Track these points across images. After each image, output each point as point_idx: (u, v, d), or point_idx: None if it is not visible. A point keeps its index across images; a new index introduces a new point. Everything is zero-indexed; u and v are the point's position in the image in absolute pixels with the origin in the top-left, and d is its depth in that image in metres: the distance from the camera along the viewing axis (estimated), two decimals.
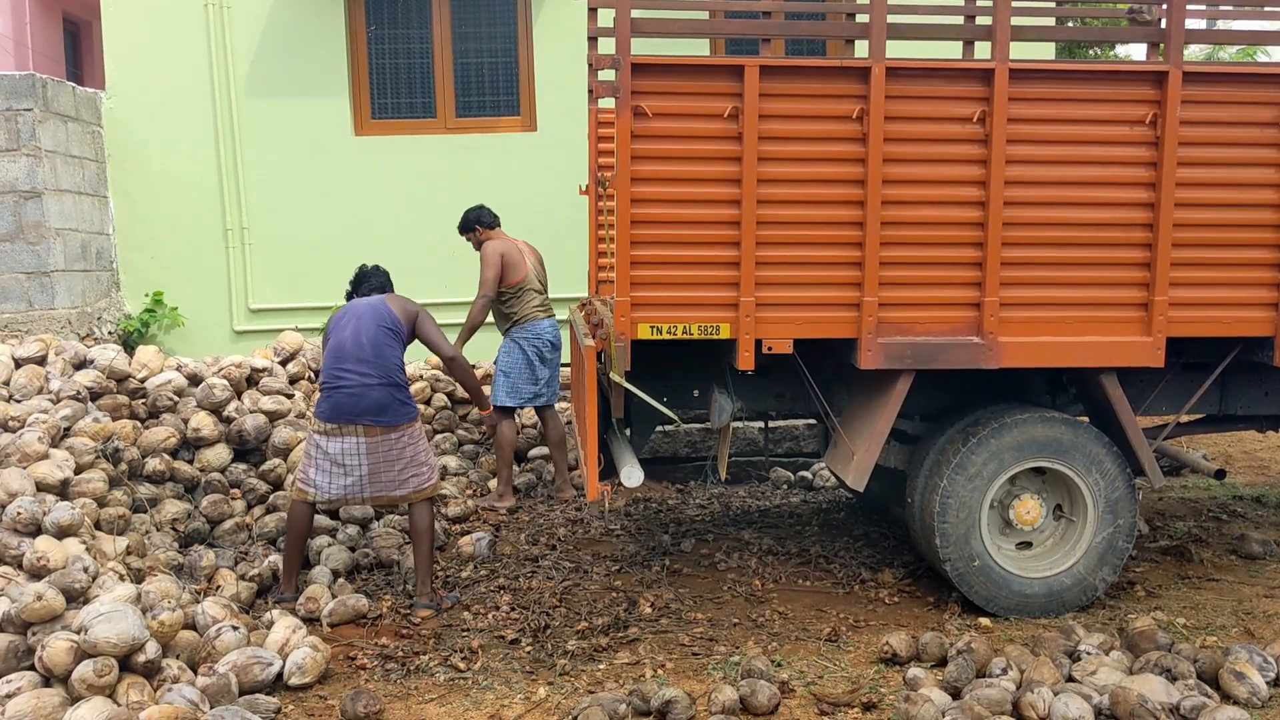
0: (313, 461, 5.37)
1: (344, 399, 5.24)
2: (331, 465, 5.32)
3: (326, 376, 5.31)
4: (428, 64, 8.91)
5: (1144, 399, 5.45)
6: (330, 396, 5.27)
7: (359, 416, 5.25)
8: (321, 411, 5.31)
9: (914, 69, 4.77)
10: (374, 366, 5.25)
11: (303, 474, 5.42)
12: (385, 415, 5.28)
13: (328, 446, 5.31)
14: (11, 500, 4.96)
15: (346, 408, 5.24)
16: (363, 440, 5.28)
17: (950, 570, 5.10)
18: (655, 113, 4.67)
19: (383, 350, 5.28)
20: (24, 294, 7.57)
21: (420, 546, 5.41)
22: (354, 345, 5.27)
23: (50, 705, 3.98)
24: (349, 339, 5.29)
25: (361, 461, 5.31)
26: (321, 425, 5.32)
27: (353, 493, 5.37)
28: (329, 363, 5.32)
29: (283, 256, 8.83)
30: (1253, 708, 4.10)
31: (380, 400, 5.25)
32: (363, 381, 5.23)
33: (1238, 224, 4.99)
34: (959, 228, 4.87)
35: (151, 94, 8.65)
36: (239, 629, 4.59)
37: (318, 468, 5.35)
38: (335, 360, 5.29)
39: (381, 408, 5.26)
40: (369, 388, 5.24)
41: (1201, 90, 4.87)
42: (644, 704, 4.20)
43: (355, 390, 5.23)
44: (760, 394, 5.65)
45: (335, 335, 5.36)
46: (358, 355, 5.25)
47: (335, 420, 5.27)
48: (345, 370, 5.24)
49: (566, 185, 8.17)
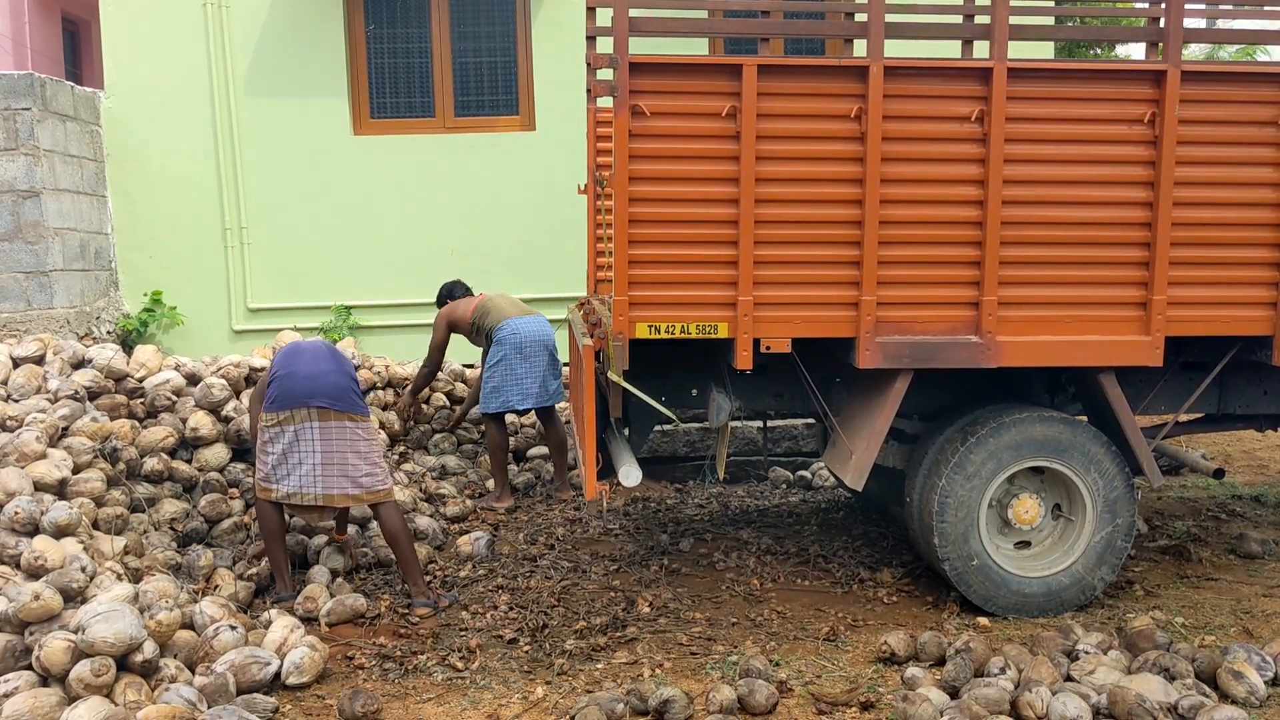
0: (266, 459, 5.37)
1: (298, 383, 5.25)
2: (284, 456, 5.31)
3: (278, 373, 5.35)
4: (426, 63, 8.90)
5: (1143, 398, 5.44)
6: (282, 383, 5.28)
7: (312, 397, 5.25)
8: (271, 403, 5.30)
9: (912, 68, 4.77)
10: (330, 361, 5.37)
11: (260, 472, 5.42)
12: (340, 401, 5.29)
13: (280, 440, 5.30)
14: (9, 500, 4.96)
15: (301, 391, 5.24)
16: (315, 425, 5.27)
17: (949, 570, 5.10)
18: (653, 112, 4.67)
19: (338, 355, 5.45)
20: (22, 293, 7.57)
21: (399, 547, 5.40)
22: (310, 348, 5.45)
23: (48, 705, 3.97)
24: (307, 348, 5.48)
25: (314, 449, 5.28)
26: (271, 418, 5.30)
27: (306, 486, 5.30)
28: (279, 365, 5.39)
29: (282, 256, 8.82)
30: (1251, 707, 4.10)
31: (337, 384, 5.29)
32: (318, 369, 5.30)
33: (1236, 223, 4.98)
34: (957, 227, 4.87)
35: (150, 94, 8.65)
36: (237, 628, 4.59)
37: (271, 464, 5.35)
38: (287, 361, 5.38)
39: (338, 392, 5.29)
40: (325, 374, 5.30)
41: (1200, 89, 4.87)
42: (642, 703, 4.19)
43: (309, 375, 5.27)
44: (759, 393, 5.65)
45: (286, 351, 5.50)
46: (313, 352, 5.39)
47: (286, 407, 5.26)
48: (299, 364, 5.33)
49: (565, 185, 8.17)
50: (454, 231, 8.76)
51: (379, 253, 8.82)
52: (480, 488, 7.36)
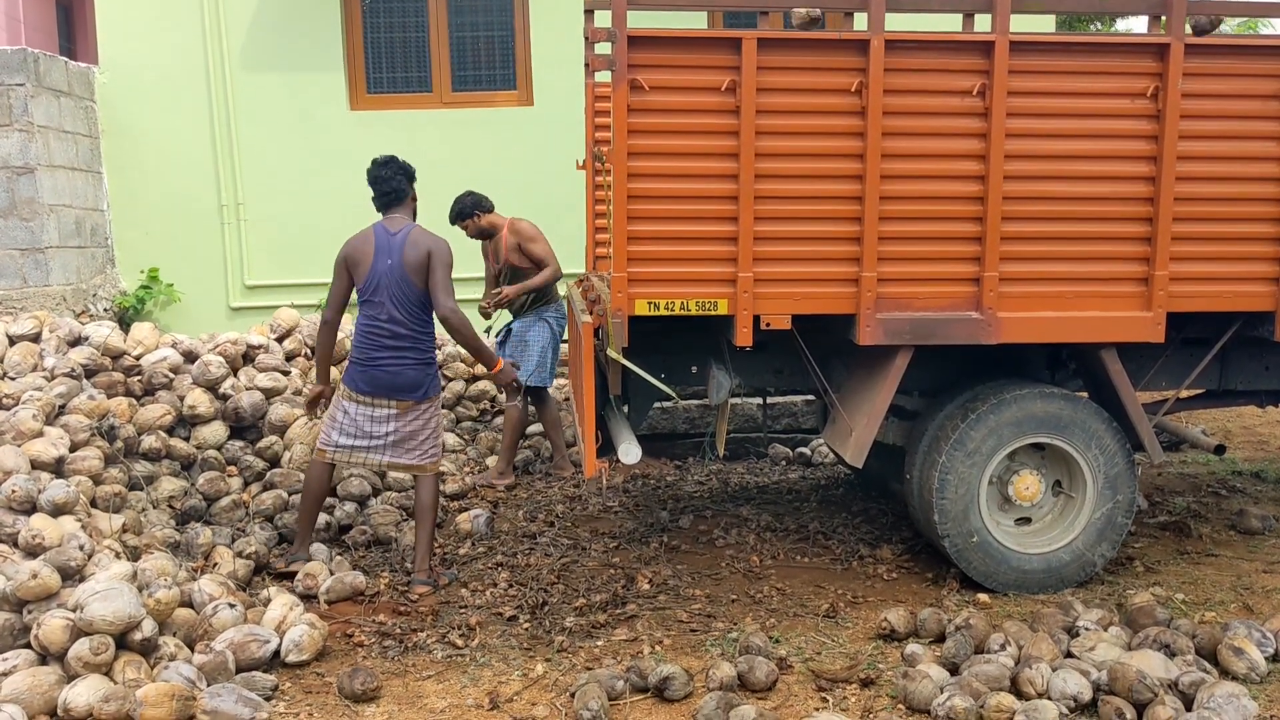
0: (337, 425, 5.41)
1: (381, 375, 5.28)
2: (357, 430, 5.37)
3: (362, 353, 5.29)
4: (423, 38, 8.83)
5: (1144, 374, 5.43)
6: (366, 370, 5.30)
7: (395, 392, 5.30)
8: (355, 383, 5.34)
9: (913, 42, 4.73)
10: (410, 351, 5.28)
11: (325, 436, 5.45)
12: (418, 391, 5.33)
13: (357, 414, 5.36)
14: (6, 478, 4.94)
15: (384, 384, 5.29)
16: (394, 410, 5.33)
17: (949, 546, 5.09)
18: (652, 86, 4.62)
19: (416, 332, 5.29)
20: (18, 271, 7.53)
21: (424, 523, 5.41)
22: (390, 326, 5.24)
23: (46, 683, 3.97)
24: (384, 318, 5.22)
25: (388, 429, 5.36)
26: (352, 394, 5.35)
27: (374, 453, 5.40)
28: (364, 338, 5.28)
29: (278, 233, 8.78)
30: (1251, 683, 4.10)
31: (415, 379, 5.31)
32: (399, 364, 5.27)
33: (1239, 198, 4.95)
34: (958, 202, 4.84)
35: (145, 69, 8.59)
36: (236, 606, 4.58)
37: (342, 431, 5.39)
38: (371, 338, 5.26)
39: (416, 385, 5.32)
40: (405, 368, 5.29)
41: (1203, 63, 4.83)
42: (642, 680, 4.19)
43: (393, 369, 5.27)
44: (758, 370, 5.63)
45: (368, 307, 5.27)
46: (394, 340, 5.24)
47: (371, 394, 5.32)
48: (383, 349, 5.26)
49: (564, 160, 8.09)
50: (447, 208, 8.69)
51: None
52: (480, 465, 7.34)
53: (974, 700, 3.87)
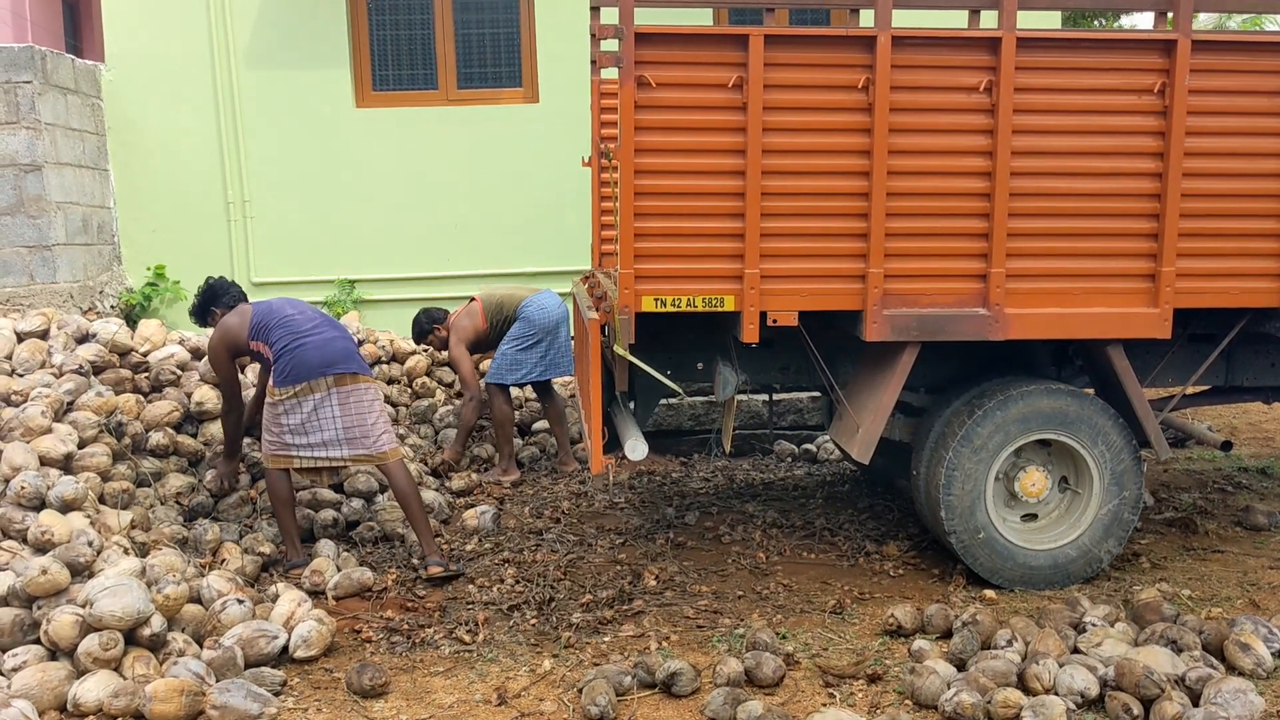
0: (278, 429, 5.39)
1: (310, 354, 5.27)
2: (303, 426, 5.34)
3: (285, 342, 5.32)
4: (429, 35, 8.84)
5: (1150, 371, 5.42)
6: (292, 357, 5.28)
7: (329, 366, 5.29)
8: (284, 378, 5.29)
9: (919, 38, 4.72)
10: (326, 324, 5.42)
11: (274, 441, 5.42)
12: (353, 363, 5.35)
13: (298, 411, 5.33)
14: (15, 475, 4.96)
15: (315, 362, 5.27)
16: (334, 391, 5.31)
17: (955, 543, 5.09)
18: (659, 83, 4.63)
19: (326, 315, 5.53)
20: (25, 268, 7.55)
21: (410, 506, 5.43)
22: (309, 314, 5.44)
23: (56, 678, 3.99)
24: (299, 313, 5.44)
25: (334, 414, 5.32)
26: (286, 391, 5.30)
27: (332, 451, 5.37)
28: (283, 334, 5.35)
29: (284, 230, 8.79)
30: (1258, 678, 4.10)
31: (345, 348, 5.36)
32: (324, 337, 5.33)
33: (1246, 194, 4.95)
34: (965, 198, 4.84)
35: (151, 66, 8.59)
36: (244, 602, 4.60)
37: (287, 433, 5.38)
38: (289, 329, 5.35)
39: (348, 355, 5.35)
40: (332, 340, 5.34)
41: (1211, 59, 4.82)
42: (649, 676, 4.20)
43: (320, 344, 5.29)
44: (765, 367, 5.63)
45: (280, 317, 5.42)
46: (315, 318, 5.41)
47: (303, 379, 5.27)
48: (308, 331, 5.34)
49: (569, 157, 8.11)
50: (457, 205, 8.71)
51: (382, 226, 8.78)
52: (486, 463, 7.35)
53: (981, 696, 3.88)
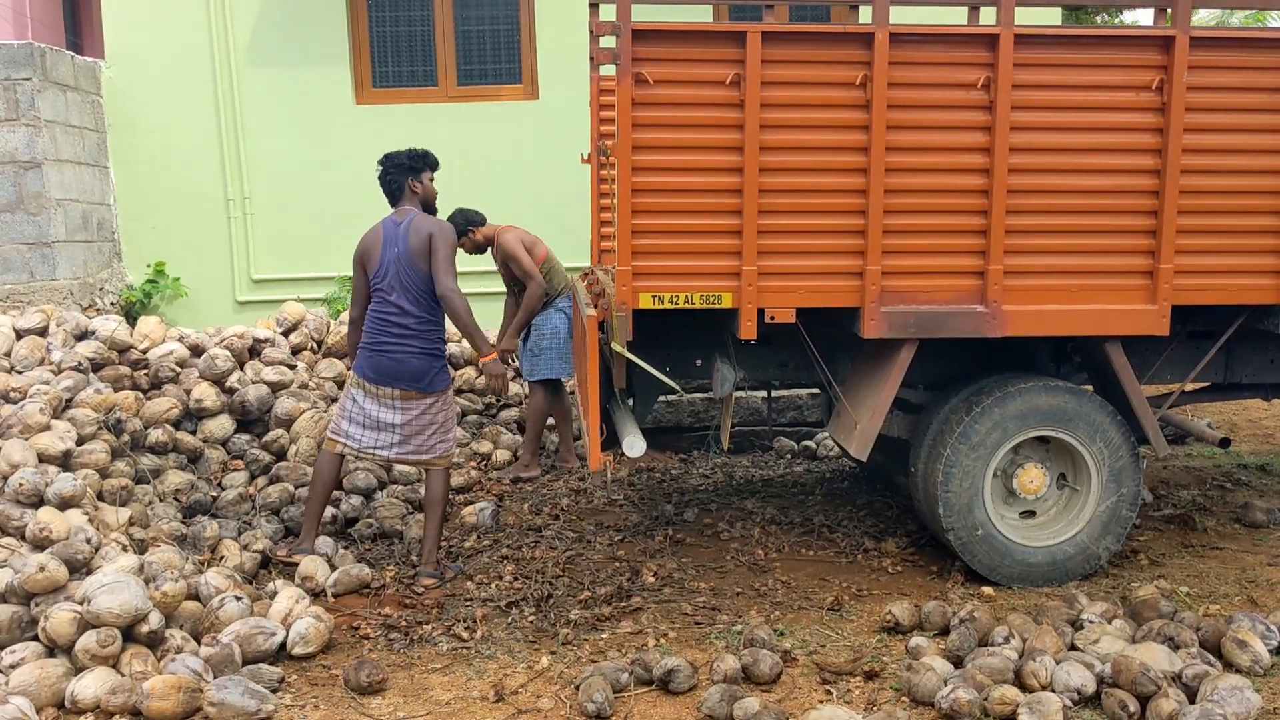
0: (347, 414, 5.42)
1: (386, 362, 5.27)
2: (366, 420, 5.38)
3: (371, 338, 5.31)
4: (429, 32, 8.84)
5: (1149, 367, 5.42)
6: (373, 357, 5.30)
7: (398, 381, 5.29)
8: (363, 369, 5.34)
9: (918, 35, 4.72)
10: (417, 339, 5.28)
11: (335, 425, 5.47)
12: (423, 382, 5.32)
13: (365, 404, 5.36)
14: (14, 471, 4.97)
15: (388, 371, 5.28)
16: (399, 403, 5.32)
17: (953, 539, 5.09)
18: (657, 80, 4.62)
19: (425, 321, 5.29)
20: (25, 265, 7.55)
21: (433, 515, 5.43)
22: (399, 314, 5.25)
23: (54, 676, 3.99)
24: (394, 307, 5.24)
25: (396, 422, 5.35)
26: (361, 382, 5.35)
27: (381, 448, 5.40)
28: (374, 324, 5.30)
29: (284, 227, 8.80)
30: (1255, 676, 4.10)
31: (420, 368, 5.30)
32: (405, 351, 5.27)
33: (1245, 191, 4.94)
34: (963, 195, 4.84)
35: (151, 63, 8.60)
36: (242, 599, 4.60)
37: (351, 420, 5.41)
38: (381, 324, 5.28)
39: (420, 374, 5.31)
40: (411, 355, 5.28)
41: (1209, 55, 4.81)
42: (646, 673, 4.20)
43: (399, 356, 5.27)
44: (763, 363, 5.64)
45: (379, 296, 5.29)
46: (401, 329, 5.25)
47: (376, 382, 5.31)
48: (391, 336, 5.26)
49: (568, 154, 8.11)
50: (457, 201, 8.66)
51: None
52: (485, 458, 7.35)
53: (978, 693, 3.87)
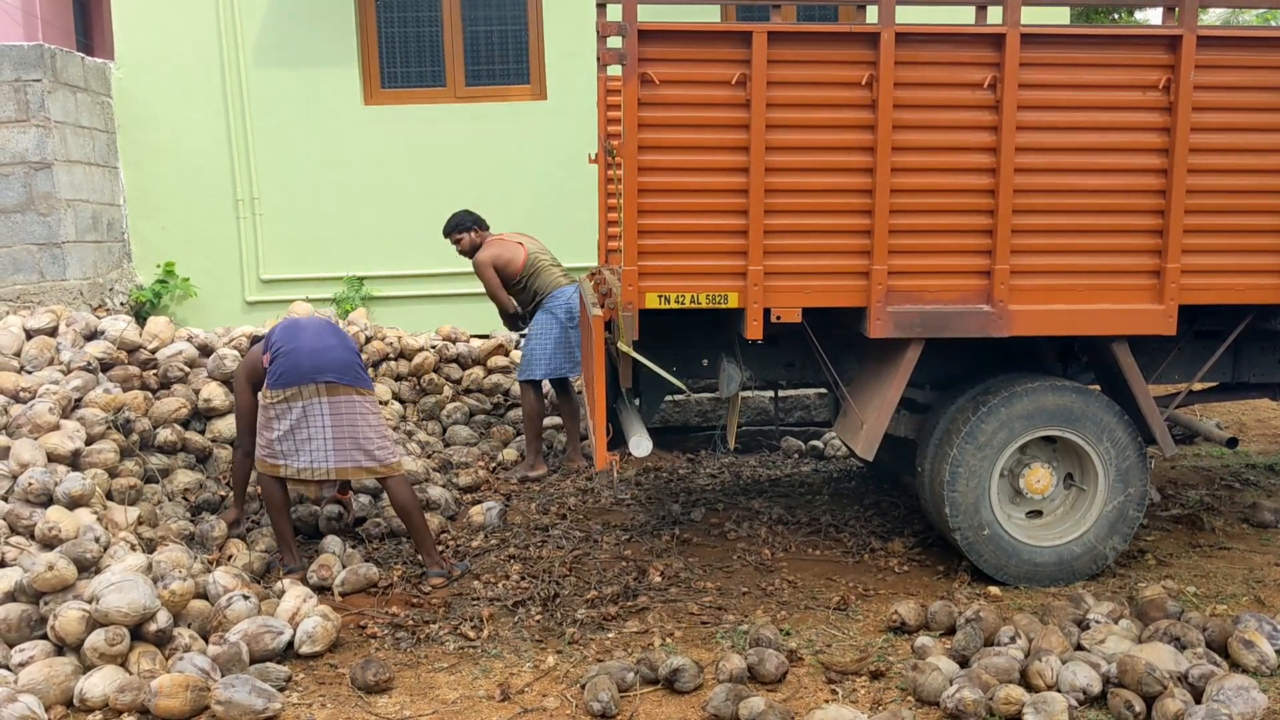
0: (269, 434, 5.30)
1: (303, 358, 5.20)
2: (291, 432, 5.25)
3: (280, 348, 5.26)
4: (437, 32, 8.85)
5: (1156, 367, 5.41)
6: (286, 359, 5.21)
7: (319, 373, 5.20)
8: (275, 380, 5.22)
9: (924, 34, 4.72)
10: (332, 336, 5.33)
11: (262, 448, 5.35)
12: (347, 375, 5.26)
13: (286, 416, 5.24)
14: (23, 471, 4.99)
15: (307, 367, 5.19)
16: (325, 400, 5.21)
17: (960, 539, 5.09)
18: (663, 80, 4.63)
19: (339, 331, 5.40)
20: (35, 265, 7.59)
21: (411, 520, 5.40)
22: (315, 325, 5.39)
23: (63, 674, 4.02)
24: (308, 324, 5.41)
25: (324, 423, 5.23)
26: (277, 394, 5.22)
27: (318, 461, 5.27)
28: (282, 337, 5.31)
29: (293, 227, 8.82)
30: (1261, 676, 4.10)
31: (342, 359, 5.27)
32: (322, 344, 5.26)
33: (1252, 190, 4.93)
34: (970, 195, 4.83)
35: (161, 64, 8.62)
36: (250, 598, 4.62)
37: (276, 439, 5.29)
38: (289, 334, 5.33)
39: (344, 366, 5.26)
40: (329, 349, 5.26)
41: (1216, 55, 4.80)
42: (652, 672, 4.21)
43: (314, 350, 5.23)
44: (769, 363, 5.64)
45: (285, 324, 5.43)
46: (314, 328, 5.34)
47: (293, 383, 5.19)
48: (301, 339, 5.28)
49: (576, 154, 8.12)
50: (465, 201, 8.66)
51: (390, 223, 8.80)
52: (493, 458, 7.36)
53: (983, 692, 3.88)
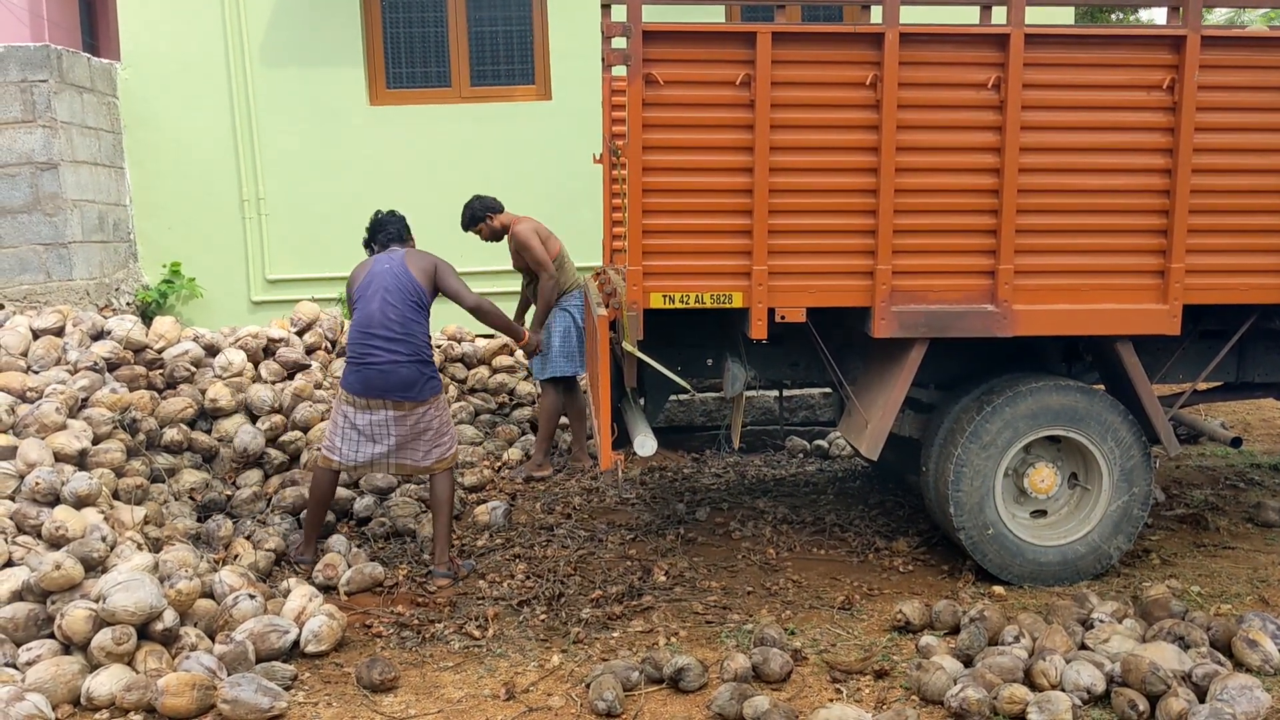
0: (339, 430, 5.41)
1: (374, 375, 5.26)
2: (359, 436, 5.38)
3: (355, 351, 5.31)
4: (442, 33, 8.86)
5: (1160, 367, 5.41)
6: (360, 371, 5.29)
7: (388, 392, 5.28)
8: (350, 384, 5.33)
9: (928, 35, 4.72)
10: (403, 344, 5.28)
11: (329, 441, 5.47)
12: (413, 391, 5.31)
13: (356, 419, 5.36)
14: (30, 470, 5.01)
15: (377, 384, 5.27)
16: (391, 413, 5.33)
17: (964, 539, 5.10)
18: (667, 80, 4.64)
19: (411, 327, 5.31)
20: (41, 265, 7.61)
21: (440, 516, 5.45)
22: (382, 319, 5.26)
23: (69, 673, 4.03)
24: (377, 312, 5.28)
25: (390, 433, 5.36)
26: (350, 398, 5.34)
27: (378, 459, 5.42)
28: (357, 335, 5.31)
29: (299, 227, 8.83)
30: (1265, 675, 4.10)
31: (409, 377, 5.29)
32: (392, 359, 5.26)
33: (1256, 190, 4.93)
34: (974, 195, 4.84)
35: (166, 64, 8.64)
36: (256, 597, 4.63)
37: (344, 437, 5.40)
38: (364, 334, 5.29)
39: (410, 384, 5.30)
40: (398, 364, 5.26)
41: (1220, 55, 4.80)
42: (657, 671, 4.22)
43: (385, 367, 5.25)
44: (774, 363, 5.65)
45: (362, 305, 5.34)
46: (387, 332, 5.25)
47: (365, 395, 5.30)
48: (374, 347, 5.25)
49: (581, 154, 8.13)
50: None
51: None
52: (498, 456, 7.37)
53: (987, 692, 3.88)
